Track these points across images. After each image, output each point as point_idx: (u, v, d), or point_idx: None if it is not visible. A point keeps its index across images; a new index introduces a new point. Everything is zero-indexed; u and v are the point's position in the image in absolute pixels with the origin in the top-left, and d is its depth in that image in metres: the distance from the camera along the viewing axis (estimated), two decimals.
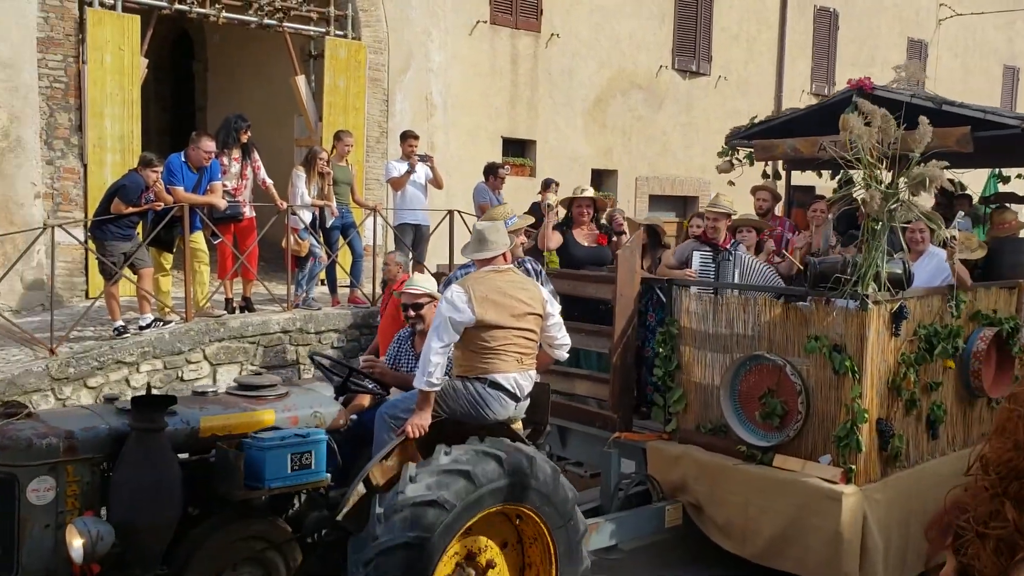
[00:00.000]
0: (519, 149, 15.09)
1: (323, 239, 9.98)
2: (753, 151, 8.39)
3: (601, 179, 16.21)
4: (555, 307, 5.00)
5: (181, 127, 14.72)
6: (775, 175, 9.02)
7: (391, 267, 8.26)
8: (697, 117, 17.03)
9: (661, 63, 16.57)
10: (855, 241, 6.71)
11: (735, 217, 7.34)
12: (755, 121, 8.60)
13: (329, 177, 9.80)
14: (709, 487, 6.08)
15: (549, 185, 10.78)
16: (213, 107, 14.82)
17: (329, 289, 10.46)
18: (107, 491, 4.16)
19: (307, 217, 9.78)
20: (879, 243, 5.51)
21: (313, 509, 4.64)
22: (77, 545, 3.86)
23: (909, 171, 5.39)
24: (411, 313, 5.42)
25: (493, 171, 10.62)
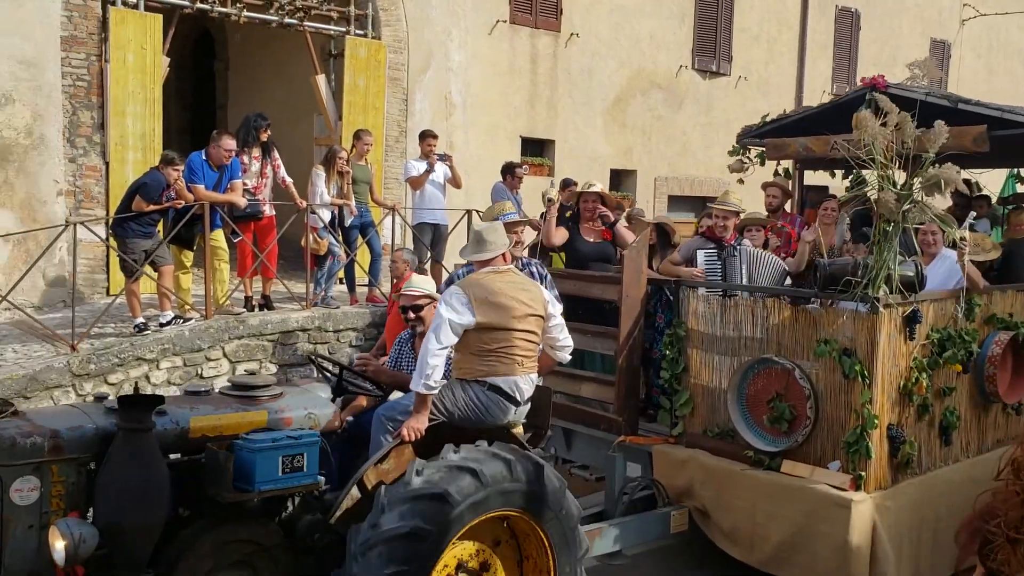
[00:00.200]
0: (538, 149, 15.10)
1: (342, 238, 10.02)
2: (765, 150, 8.32)
3: (620, 179, 16.19)
4: (557, 308, 4.93)
5: (202, 125, 14.82)
6: (787, 174, 8.90)
7: (398, 264, 8.22)
8: (717, 117, 16.97)
9: (681, 63, 16.53)
10: (866, 241, 6.62)
11: (743, 216, 7.25)
12: (767, 119, 8.51)
13: (348, 176, 9.85)
14: (715, 492, 5.98)
15: (568, 185, 10.76)
16: (234, 106, 14.92)
17: (348, 288, 10.51)
18: (93, 492, 4.07)
19: (326, 216, 9.83)
20: (891, 245, 5.42)
21: (307, 512, 4.53)
22: (59, 547, 3.79)
23: (923, 172, 5.31)
24: (410, 315, 5.32)
25: (511, 171, 10.63)
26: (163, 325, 8.80)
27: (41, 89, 9.77)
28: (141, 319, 8.75)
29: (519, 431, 4.99)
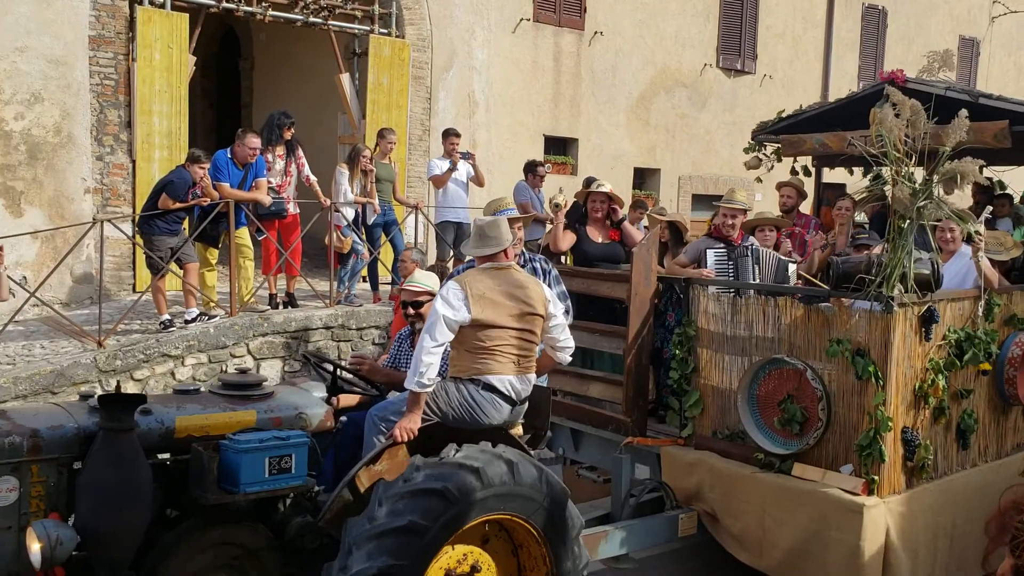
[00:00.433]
0: (561, 147, 15.09)
1: (365, 236, 10.08)
2: (780, 147, 8.21)
3: (644, 178, 16.15)
4: (558, 307, 4.78)
5: (227, 124, 14.93)
6: (805, 172, 8.75)
7: (407, 264, 8.12)
8: (742, 116, 16.87)
9: (706, 61, 16.46)
10: (880, 240, 6.50)
11: (752, 215, 7.11)
12: (782, 115, 8.40)
13: (372, 175, 9.90)
14: (724, 495, 5.84)
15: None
16: (259, 104, 15.02)
17: (371, 286, 10.57)
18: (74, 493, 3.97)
19: (350, 214, 9.88)
20: (906, 242, 5.25)
21: (298, 514, 4.41)
22: (35, 549, 3.69)
23: (939, 166, 5.16)
24: (410, 311, 5.19)
25: (533, 169, 10.63)
26: (188, 322, 8.89)
27: (70, 88, 9.89)
28: (167, 316, 8.85)
29: (518, 431, 4.86)
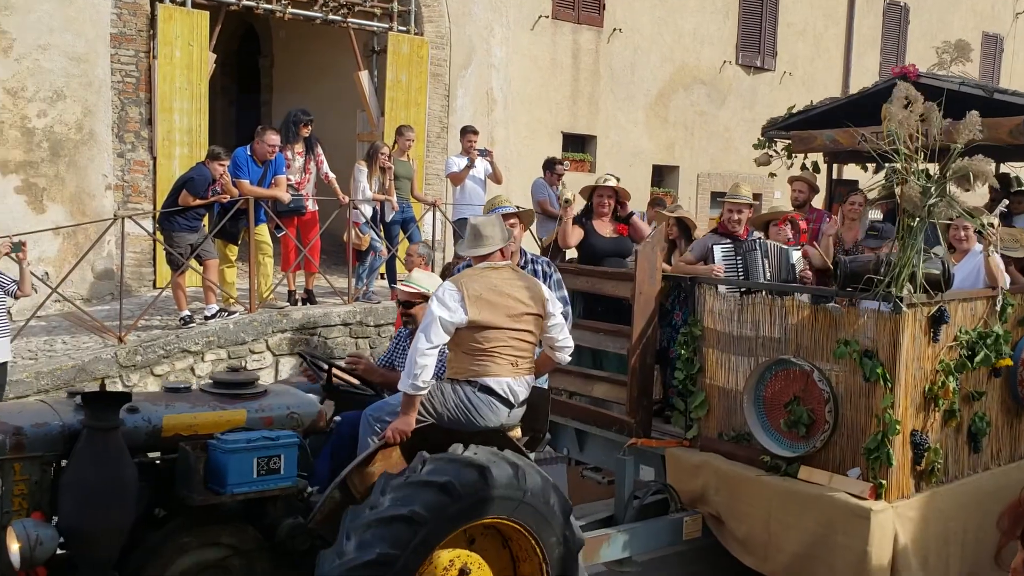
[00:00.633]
0: (579, 144, 15.06)
1: (383, 233, 10.09)
2: (791, 143, 8.10)
3: (662, 175, 16.11)
4: (557, 307, 4.69)
5: (247, 121, 14.98)
6: (816, 168, 8.63)
7: (413, 259, 8.01)
8: (761, 113, 16.73)
9: (725, 58, 16.39)
10: (879, 239, 6.33)
11: (767, 211, 7.04)
12: (792, 111, 8.32)
13: (390, 172, 9.91)
14: (730, 498, 5.71)
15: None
16: (278, 101, 15.06)
17: (388, 283, 10.58)
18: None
19: (368, 211, 9.90)
20: (915, 241, 5.11)
21: (289, 515, 4.31)
22: (14, 549, 3.62)
23: (951, 164, 5.02)
24: (403, 311, 5.07)
25: (551, 166, 10.61)
26: (208, 318, 8.93)
27: (91, 85, 9.95)
28: (187, 312, 8.89)
29: (516, 434, 4.76)
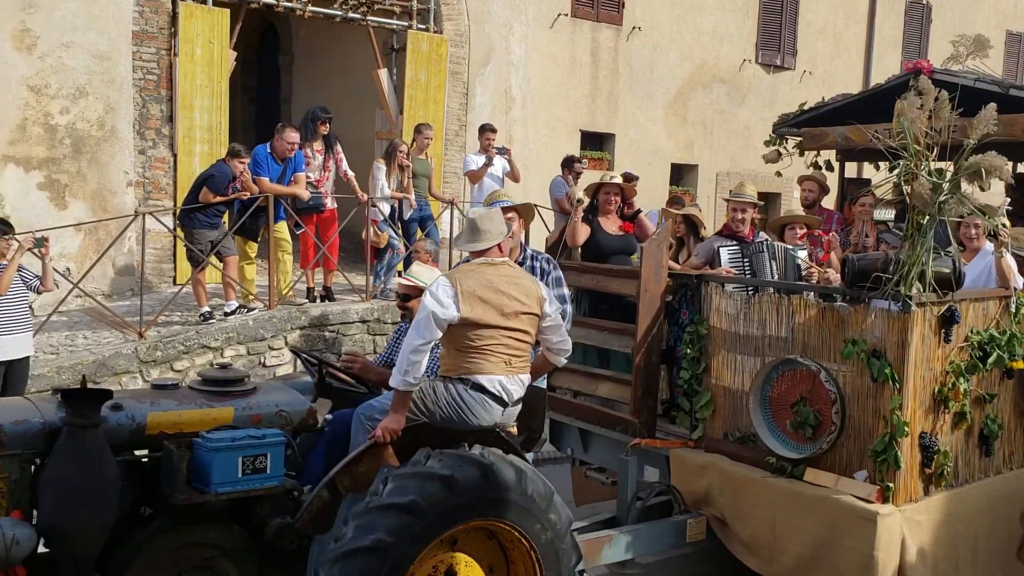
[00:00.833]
0: (598, 143, 15.04)
1: (401, 231, 10.12)
2: (802, 140, 8.00)
3: (681, 173, 16.06)
4: (553, 306, 4.61)
5: (267, 119, 15.04)
6: (828, 166, 8.53)
7: (420, 254, 7.96)
8: (781, 112, 16.64)
9: (744, 57, 16.32)
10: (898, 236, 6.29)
11: (784, 213, 6.97)
12: (804, 107, 8.24)
13: (409, 170, 9.93)
14: (735, 500, 5.62)
15: (631, 179, 10.69)
16: (298, 99, 15.11)
17: None
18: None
19: (386, 209, 9.94)
20: (925, 239, 4.98)
21: (277, 515, 4.23)
22: None
23: (963, 160, 4.95)
24: (403, 305, 5.00)
25: (569, 165, 10.60)
26: (228, 314, 8.99)
27: (113, 82, 10.03)
28: (207, 308, 8.95)
29: (512, 431, 4.69)
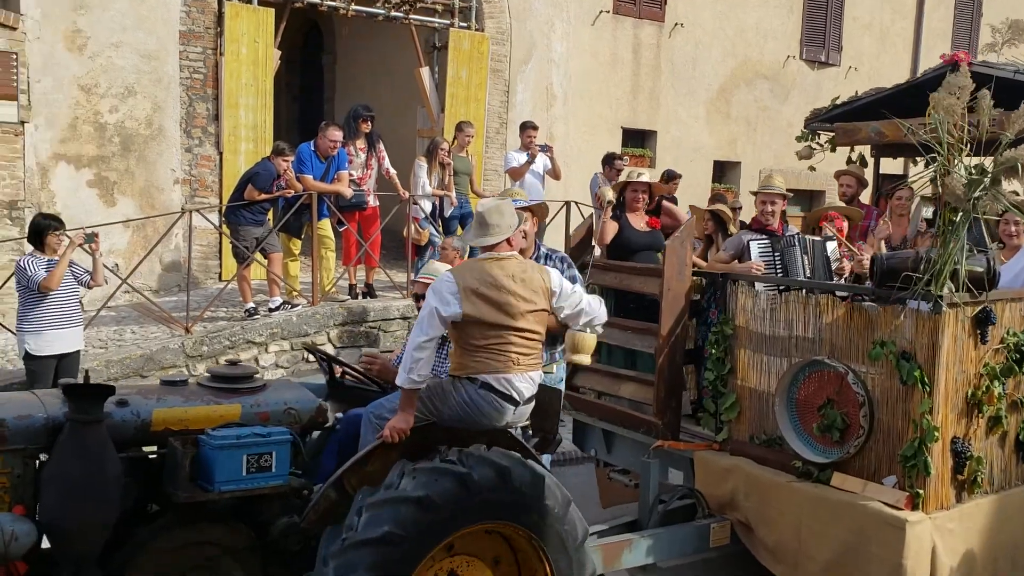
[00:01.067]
0: (639, 140, 14.98)
1: (442, 228, 10.18)
2: (834, 135, 7.89)
3: (724, 171, 15.95)
4: (565, 285, 4.45)
5: (310, 117, 15.21)
6: (862, 162, 8.37)
7: (448, 252, 7.88)
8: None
9: (789, 53, 16.15)
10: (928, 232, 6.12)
11: (825, 205, 6.85)
12: (836, 101, 8.09)
13: (450, 168, 9.99)
14: (760, 505, 5.46)
15: (673, 177, 10.66)
16: (341, 98, 15.26)
17: None
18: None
19: (427, 207, 10.00)
20: (958, 236, 4.80)
21: (284, 514, 4.17)
22: None
23: (999, 155, 4.78)
24: (419, 303, 4.86)
25: (610, 162, 10.56)
26: (272, 310, 9.11)
27: (160, 81, 10.21)
28: (251, 304, 9.08)
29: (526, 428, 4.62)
